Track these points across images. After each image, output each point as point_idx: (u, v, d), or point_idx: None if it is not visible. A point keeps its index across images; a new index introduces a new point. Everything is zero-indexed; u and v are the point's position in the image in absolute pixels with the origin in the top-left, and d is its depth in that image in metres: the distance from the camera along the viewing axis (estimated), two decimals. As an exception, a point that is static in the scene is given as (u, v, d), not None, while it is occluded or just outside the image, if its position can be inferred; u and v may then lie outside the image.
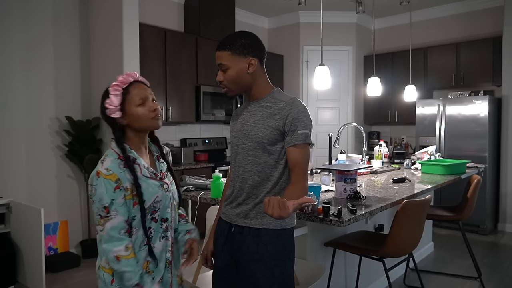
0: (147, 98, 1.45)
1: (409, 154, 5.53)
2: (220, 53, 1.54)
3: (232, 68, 1.53)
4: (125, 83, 1.45)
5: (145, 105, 1.44)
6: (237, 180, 1.60)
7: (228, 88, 1.57)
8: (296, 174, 1.50)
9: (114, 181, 1.35)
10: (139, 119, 1.44)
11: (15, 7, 3.68)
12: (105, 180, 1.35)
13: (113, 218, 1.34)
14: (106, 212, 1.34)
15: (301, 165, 1.50)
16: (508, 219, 5.05)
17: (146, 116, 1.44)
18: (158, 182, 1.47)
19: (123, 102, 1.43)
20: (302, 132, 1.49)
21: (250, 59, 1.53)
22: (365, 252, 2.26)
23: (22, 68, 3.74)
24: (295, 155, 1.50)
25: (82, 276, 3.59)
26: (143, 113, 1.43)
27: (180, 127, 5.07)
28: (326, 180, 2.90)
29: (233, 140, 1.66)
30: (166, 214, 1.49)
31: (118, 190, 1.36)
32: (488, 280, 3.46)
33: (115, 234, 1.34)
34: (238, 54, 1.52)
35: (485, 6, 5.45)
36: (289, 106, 1.51)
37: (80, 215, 4.19)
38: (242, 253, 1.55)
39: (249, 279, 1.53)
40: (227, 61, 1.52)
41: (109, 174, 1.36)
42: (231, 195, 1.63)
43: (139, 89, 1.45)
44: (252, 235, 1.54)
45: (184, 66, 4.70)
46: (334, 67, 5.92)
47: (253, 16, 6.17)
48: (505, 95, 5.05)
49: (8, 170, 3.66)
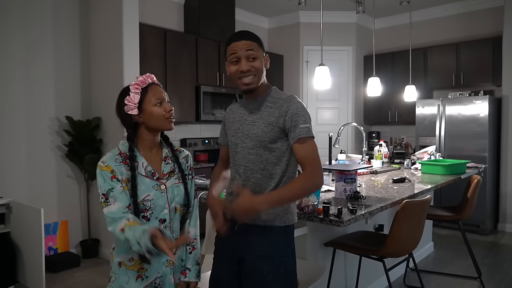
0: (163, 100, 1.52)
1: (409, 154, 5.53)
2: (250, 42, 1.52)
3: (259, 59, 1.54)
4: (145, 83, 1.52)
5: (162, 106, 1.51)
6: (239, 178, 1.60)
7: (256, 77, 1.54)
8: (307, 169, 1.48)
9: (110, 172, 1.43)
10: (154, 118, 1.50)
11: (15, 7, 3.68)
12: (102, 171, 1.44)
13: (111, 204, 1.41)
14: (105, 198, 1.42)
15: (310, 158, 1.48)
16: (508, 219, 5.05)
17: (161, 116, 1.50)
18: (153, 182, 1.48)
19: (142, 101, 1.49)
20: (303, 126, 1.49)
21: (267, 56, 1.59)
22: (365, 252, 2.26)
23: (22, 68, 3.74)
24: (302, 149, 1.49)
25: (82, 276, 3.59)
26: (159, 113, 1.50)
27: (180, 127, 5.07)
28: (326, 180, 2.90)
29: (231, 138, 1.65)
30: (162, 215, 1.49)
31: (115, 180, 1.43)
32: (488, 280, 3.46)
33: (115, 216, 1.39)
34: (261, 48, 1.56)
35: (485, 6, 5.45)
36: (287, 103, 1.52)
37: (80, 215, 4.19)
38: (247, 250, 1.56)
39: (255, 276, 1.54)
40: (257, 51, 1.53)
41: (105, 166, 1.44)
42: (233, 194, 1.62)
43: (157, 90, 1.52)
44: (257, 232, 1.54)
45: (184, 66, 4.70)
46: (334, 67, 5.92)
47: (253, 16, 6.17)
48: (505, 95, 5.05)
49: (8, 170, 3.66)
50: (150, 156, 1.53)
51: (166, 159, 1.56)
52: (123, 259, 1.48)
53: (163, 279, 1.51)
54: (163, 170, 1.53)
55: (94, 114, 4.14)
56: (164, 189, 1.50)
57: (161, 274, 1.50)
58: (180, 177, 1.56)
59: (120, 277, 1.48)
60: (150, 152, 1.54)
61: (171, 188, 1.52)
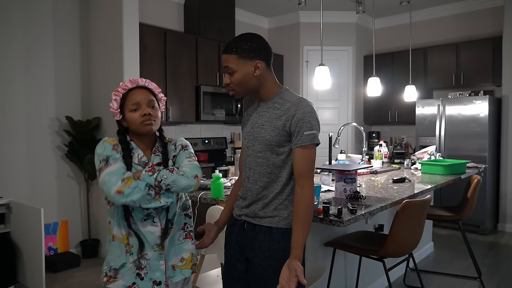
0: (141, 104, 1.54)
1: (409, 154, 5.53)
2: (226, 56, 1.54)
3: (238, 71, 1.53)
4: (125, 89, 1.56)
5: (138, 111, 1.54)
6: (248, 181, 1.62)
7: (235, 91, 1.58)
8: (303, 176, 1.50)
9: (113, 144, 1.51)
10: (130, 123, 1.55)
11: (15, 8, 3.68)
12: (105, 142, 1.51)
13: (112, 165, 1.45)
14: (105, 161, 1.46)
15: (304, 169, 1.50)
16: (508, 219, 5.05)
17: (137, 121, 1.53)
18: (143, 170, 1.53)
19: (122, 107, 1.56)
20: (308, 133, 1.49)
21: (256, 62, 1.53)
22: (365, 252, 2.26)
23: (22, 69, 3.74)
24: (301, 157, 1.50)
25: (82, 276, 3.59)
26: (134, 118, 1.53)
27: (180, 127, 5.07)
28: (326, 180, 2.90)
29: (244, 141, 1.68)
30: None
31: (115, 151, 1.49)
32: (488, 280, 3.46)
33: (111, 177, 1.42)
34: (244, 58, 1.52)
35: (485, 6, 5.45)
36: (295, 107, 1.51)
37: (80, 215, 4.19)
38: (253, 250, 1.57)
39: (260, 276, 1.55)
40: (234, 65, 1.53)
41: (109, 139, 1.53)
42: (242, 195, 1.65)
43: (136, 95, 1.55)
44: (263, 233, 1.55)
45: (184, 66, 4.70)
46: (334, 67, 5.92)
47: (253, 16, 6.17)
48: (505, 95, 5.05)
49: (8, 170, 3.66)
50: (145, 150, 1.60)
51: (155, 152, 1.61)
52: (116, 233, 1.53)
53: (151, 262, 1.52)
54: (153, 161, 1.59)
55: (94, 114, 4.14)
56: None
57: (149, 257, 1.52)
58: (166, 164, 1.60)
59: (114, 250, 1.53)
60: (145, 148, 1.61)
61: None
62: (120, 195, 1.40)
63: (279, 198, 1.55)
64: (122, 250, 1.52)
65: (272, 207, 1.55)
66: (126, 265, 1.51)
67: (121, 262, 1.51)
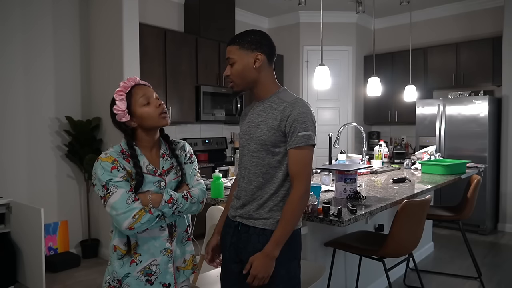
0: (151, 97, 1.51)
1: (409, 154, 5.53)
2: (229, 47, 1.58)
3: (238, 62, 1.55)
4: (127, 87, 1.51)
5: (151, 104, 1.50)
6: (242, 181, 1.62)
7: (234, 82, 1.59)
8: (295, 177, 1.50)
9: (110, 162, 1.42)
10: (146, 118, 1.49)
11: (15, 7, 3.68)
12: (102, 162, 1.43)
13: (114, 193, 1.39)
14: (105, 189, 1.40)
15: (299, 170, 1.49)
16: (508, 219, 5.05)
17: (153, 114, 1.49)
18: (155, 178, 1.51)
19: (129, 105, 1.49)
20: (303, 134, 1.47)
21: (257, 54, 1.55)
22: (365, 252, 2.26)
23: (22, 69, 3.74)
24: (294, 158, 1.50)
25: (82, 276, 3.59)
26: (150, 112, 1.49)
27: (180, 127, 5.07)
28: (326, 180, 2.90)
29: (240, 141, 1.67)
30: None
31: (115, 170, 1.42)
32: (488, 280, 3.46)
33: (120, 208, 1.38)
34: (245, 49, 1.54)
35: (485, 6, 5.45)
36: (291, 107, 1.50)
37: (80, 215, 4.19)
38: (247, 251, 1.56)
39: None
40: (235, 55, 1.55)
41: (106, 156, 1.44)
42: (237, 195, 1.64)
43: (142, 90, 1.52)
44: (257, 235, 1.55)
45: (184, 66, 4.70)
46: (334, 67, 5.92)
47: (253, 16, 6.17)
48: (505, 95, 5.05)
49: (8, 170, 3.66)
50: (150, 156, 1.55)
51: (164, 155, 1.58)
52: (117, 243, 1.50)
53: (160, 267, 1.51)
54: (162, 167, 1.55)
55: (94, 114, 4.14)
56: (163, 185, 1.52)
57: (158, 262, 1.51)
58: (179, 171, 1.58)
59: (114, 261, 1.50)
60: (150, 152, 1.55)
61: (169, 184, 1.55)
62: (131, 230, 1.41)
63: (274, 200, 1.54)
64: (124, 261, 1.50)
65: (266, 209, 1.54)
66: (131, 275, 1.49)
67: (124, 272, 1.49)
